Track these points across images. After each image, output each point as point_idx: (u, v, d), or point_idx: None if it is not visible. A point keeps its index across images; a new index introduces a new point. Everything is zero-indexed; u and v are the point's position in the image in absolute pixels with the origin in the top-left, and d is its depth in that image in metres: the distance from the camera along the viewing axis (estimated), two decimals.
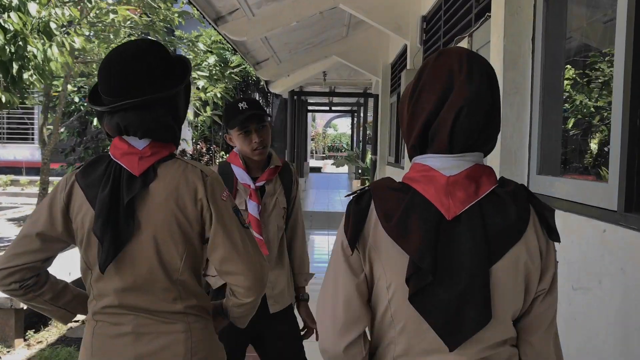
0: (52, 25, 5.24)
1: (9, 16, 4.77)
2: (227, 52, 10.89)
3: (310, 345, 2.51)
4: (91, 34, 8.24)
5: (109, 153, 1.61)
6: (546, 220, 1.22)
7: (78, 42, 5.45)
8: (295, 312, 2.71)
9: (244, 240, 1.60)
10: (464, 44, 4.00)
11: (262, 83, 11.15)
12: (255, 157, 2.54)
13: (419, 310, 1.18)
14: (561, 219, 2.33)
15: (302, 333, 2.68)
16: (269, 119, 2.67)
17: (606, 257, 1.97)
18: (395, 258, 1.19)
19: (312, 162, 30.46)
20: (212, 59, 8.28)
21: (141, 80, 1.53)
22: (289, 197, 2.68)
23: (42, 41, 5.08)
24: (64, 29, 5.88)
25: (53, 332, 5.09)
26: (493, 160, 2.84)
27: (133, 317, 1.59)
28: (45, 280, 1.66)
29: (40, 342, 4.90)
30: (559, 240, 1.24)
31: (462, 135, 1.19)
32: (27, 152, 16.95)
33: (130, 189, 1.54)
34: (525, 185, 2.73)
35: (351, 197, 1.26)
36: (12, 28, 4.83)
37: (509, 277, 1.19)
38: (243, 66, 11.18)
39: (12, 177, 15.76)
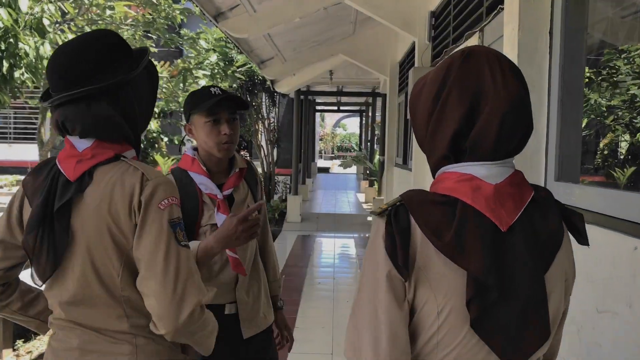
0: (45, 22, 5.05)
1: None
2: (233, 51, 10.70)
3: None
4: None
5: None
6: (575, 225, 1.19)
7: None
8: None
9: (168, 259, 1.35)
10: (474, 39, 3.76)
11: (268, 82, 10.93)
12: (220, 154, 2.15)
13: (480, 334, 1.08)
14: None
15: (276, 342, 2.41)
16: (243, 112, 2.32)
17: (638, 278, 1.73)
18: (448, 279, 1.09)
19: (321, 163, 30.31)
20: (214, 57, 8.08)
21: (79, 74, 1.37)
22: (257, 201, 2.34)
23: (34, 38, 4.89)
24: (58, 25, 5.69)
25: (44, 341, 4.90)
26: None
27: (80, 331, 1.43)
28: (13, 290, 1.56)
29: (30, 352, 4.72)
30: (588, 244, 1.19)
31: (507, 142, 1.14)
32: (33, 152, 16.91)
33: (62, 196, 1.37)
34: None
35: (381, 214, 1.12)
36: (1, 25, 4.64)
37: (556, 286, 1.16)
38: (249, 65, 10.97)
39: (19, 177, 15.72)
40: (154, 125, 10.68)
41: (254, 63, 8.68)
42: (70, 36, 5.32)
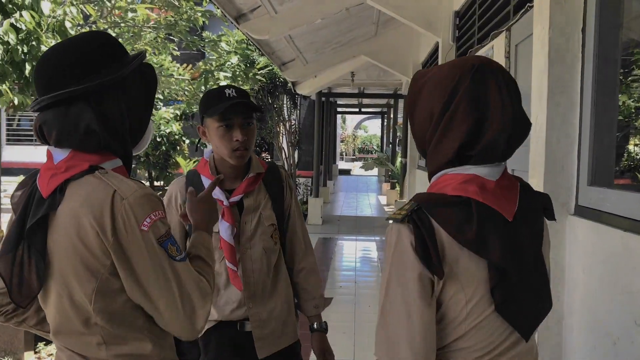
0: (67, 25, 5.05)
1: (21, 15, 4.60)
2: (254, 53, 10.69)
3: None
4: (115, 34, 8.11)
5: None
6: (545, 206, 1.33)
7: None
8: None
9: (168, 280, 1.27)
10: (501, 39, 3.65)
11: (289, 84, 10.89)
12: (233, 161, 2.05)
13: (505, 316, 1.21)
14: (619, 240, 1.99)
15: None
16: (258, 115, 2.20)
17: None
18: (472, 270, 1.19)
19: (342, 164, 30.19)
20: (235, 59, 8.05)
21: (62, 76, 1.29)
22: (281, 209, 2.18)
23: (56, 41, 4.89)
24: (80, 28, 5.70)
25: None
26: (536, 168, 2.50)
27: (69, 354, 1.35)
28: (28, 307, 1.47)
29: (52, 354, 4.71)
30: (555, 219, 1.35)
31: (512, 150, 1.27)
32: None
33: (34, 214, 1.27)
34: (574, 198, 2.40)
35: (402, 220, 1.19)
36: (24, 27, 4.65)
37: (546, 259, 1.32)
38: (270, 67, 10.95)
39: None
40: (175, 127, 10.70)
41: (275, 65, 8.65)
42: None
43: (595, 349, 2.14)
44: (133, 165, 11.38)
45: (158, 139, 11.21)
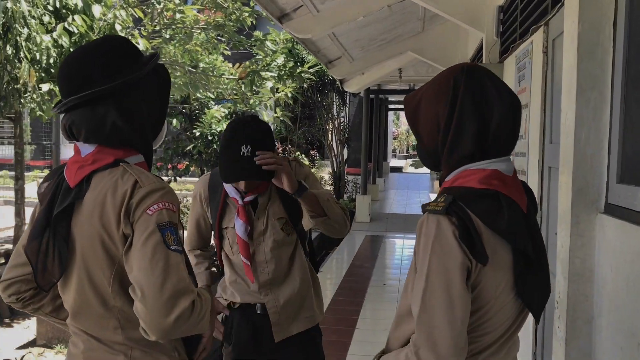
0: (117, 27, 5.26)
1: (73, 19, 4.82)
2: (304, 52, 10.77)
3: None
4: (167, 36, 8.36)
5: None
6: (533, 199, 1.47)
7: (142, 43, 5.46)
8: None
9: (155, 262, 1.32)
10: (539, 33, 3.58)
11: (337, 82, 10.93)
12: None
13: (524, 300, 1.34)
14: None
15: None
16: (267, 175, 2.14)
17: None
18: (503, 258, 1.30)
19: (394, 162, 30.01)
20: (281, 59, 8.15)
21: (85, 78, 1.40)
22: (290, 202, 2.29)
23: None
24: (129, 30, 5.92)
25: None
26: (565, 165, 2.45)
27: (85, 338, 1.47)
28: (44, 294, 1.59)
29: None
30: (536, 211, 1.49)
31: (516, 137, 1.41)
32: None
33: (62, 203, 1.39)
34: (604, 196, 2.34)
35: (442, 212, 1.28)
36: (77, 31, 4.87)
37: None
38: (320, 65, 11.02)
39: None
40: (225, 125, 10.91)
41: (321, 63, 8.70)
42: (141, 41, 5.54)
43: (622, 350, 2.09)
44: (187, 163, 11.64)
45: (209, 137, 11.47)
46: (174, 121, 11.85)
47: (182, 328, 1.34)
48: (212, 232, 2.38)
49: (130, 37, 5.55)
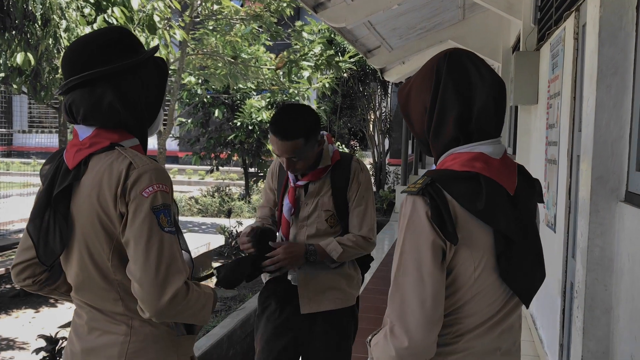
0: (156, 19, 5.38)
1: (112, 11, 4.96)
2: (345, 41, 10.75)
3: None
4: (210, 28, 8.49)
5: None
6: (535, 187, 1.47)
7: (179, 34, 5.57)
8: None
9: (150, 243, 1.39)
10: (571, 20, 3.49)
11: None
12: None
13: (508, 282, 1.33)
14: None
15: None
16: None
17: None
18: (481, 239, 1.31)
19: None
20: (317, 49, 8.18)
21: (86, 61, 1.49)
22: (341, 199, 2.42)
23: (144, 34, 5.24)
24: (167, 22, 6.05)
25: None
26: (586, 153, 2.41)
27: (88, 309, 1.55)
28: (59, 274, 1.66)
29: None
30: (543, 202, 1.51)
31: (501, 121, 1.40)
32: (150, 141, 18.12)
33: (60, 184, 1.46)
34: (625, 184, 2.29)
35: (418, 193, 1.31)
36: (116, 22, 5.02)
37: (539, 234, 1.47)
38: (360, 55, 10.99)
39: None
40: (265, 115, 11.03)
41: (360, 52, 8.68)
42: (178, 32, 5.66)
43: (636, 340, 2.06)
44: (228, 153, 11.80)
45: (250, 127, 11.63)
46: (216, 111, 12.07)
47: (178, 308, 1.42)
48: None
49: (168, 28, 5.68)
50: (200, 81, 11.30)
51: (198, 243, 7.76)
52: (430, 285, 1.27)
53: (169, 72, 7.72)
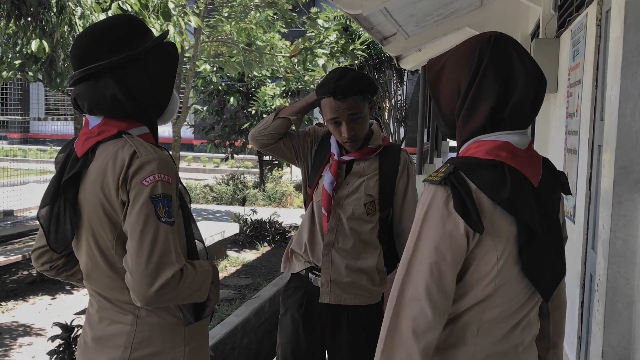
0: (170, 5, 5.35)
1: None
2: (361, 29, 10.65)
3: None
4: (225, 14, 8.45)
5: None
6: (560, 180, 1.45)
7: (193, 21, 5.54)
8: None
9: (145, 233, 1.38)
10: (593, 5, 3.41)
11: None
12: (345, 147, 2.32)
13: (529, 276, 1.30)
14: None
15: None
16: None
17: None
18: (505, 230, 1.28)
19: (454, 142, 29.38)
20: (333, 36, 8.10)
21: (92, 53, 1.49)
22: (390, 188, 2.31)
23: (159, 21, 5.21)
24: (182, 9, 6.02)
25: None
26: (609, 142, 2.34)
27: (98, 298, 1.56)
28: (76, 261, 1.66)
29: None
30: (571, 194, 1.57)
31: (535, 113, 1.38)
32: (165, 129, 18.19)
33: (69, 171, 1.47)
34: None
35: (440, 182, 1.29)
36: (131, 9, 5.00)
37: (562, 229, 1.44)
38: (370, 39, 10.87)
39: None
40: (279, 102, 11.00)
41: (376, 40, 8.59)
42: (193, 19, 5.63)
43: None
44: (243, 141, 11.81)
45: (265, 115, 11.61)
46: (231, 99, 12.06)
47: (167, 297, 1.41)
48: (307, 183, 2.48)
49: (182, 15, 5.66)
50: (215, 69, 11.28)
51: (213, 231, 7.78)
52: (440, 277, 1.26)
53: (184, 59, 7.70)
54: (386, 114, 13.59)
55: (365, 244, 2.34)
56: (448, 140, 26.89)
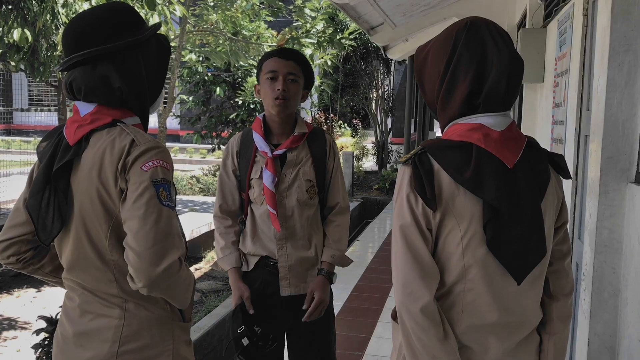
0: None
1: None
2: (347, 19, 10.60)
3: None
4: (211, 3, 8.36)
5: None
6: (559, 164, 1.46)
7: (179, 10, 5.48)
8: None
9: (148, 214, 1.36)
10: None
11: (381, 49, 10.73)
12: (274, 110, 2.30)
13: (494, 252, 1.33)
14: None
15: (303, 307, 2.35)
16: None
17: None
18: (468, 208, 1.33)
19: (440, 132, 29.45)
20: (320, 25, 8.05)
21: (88, 38, 1.46)
22: (321, 169, 2.40)
23: (143, 11, 5.14)
24: None
25: None
26: (595, 132, 2.35)
27: (81, 292, 1.52)
28: (45, 253, 1.64)
29: None
30: (570, 177, 1.49)
31: (512, 94, 1.39)
32: (151, 120, 18.05)
33: (61, 159, 1.44)
34: (636, 165, 2.23)
35: (406, 162, 1.37)
36: None
37: (549, 213, 1.43)
38: (359, 30, 10.83)
39: None
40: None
41: (363, 29, 8.56)
42: (178, 8, 5.56)
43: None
44: (230, 131, 11.73)
45: (252, 106, 11.54)
46: (218, 90, 11.95)
47: (169, 281, 1.39)
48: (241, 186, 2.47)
49: (167, 4, 5.58)
50: (201, 59, 11.17)
51: (200, 222, 7.74)
52: (411, 244, 1.34)
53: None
54: (373, 104, 13.57)
55: (312, 228, 2.42)
56: (435, 130, 27.00)
